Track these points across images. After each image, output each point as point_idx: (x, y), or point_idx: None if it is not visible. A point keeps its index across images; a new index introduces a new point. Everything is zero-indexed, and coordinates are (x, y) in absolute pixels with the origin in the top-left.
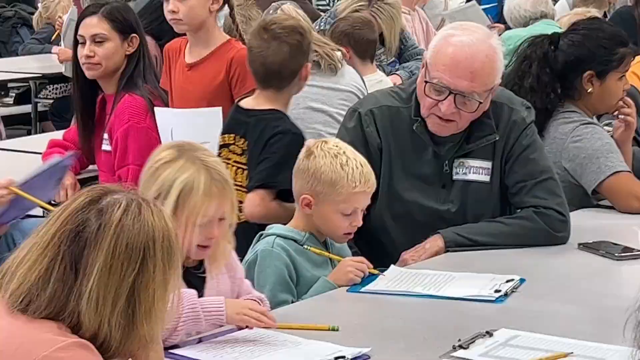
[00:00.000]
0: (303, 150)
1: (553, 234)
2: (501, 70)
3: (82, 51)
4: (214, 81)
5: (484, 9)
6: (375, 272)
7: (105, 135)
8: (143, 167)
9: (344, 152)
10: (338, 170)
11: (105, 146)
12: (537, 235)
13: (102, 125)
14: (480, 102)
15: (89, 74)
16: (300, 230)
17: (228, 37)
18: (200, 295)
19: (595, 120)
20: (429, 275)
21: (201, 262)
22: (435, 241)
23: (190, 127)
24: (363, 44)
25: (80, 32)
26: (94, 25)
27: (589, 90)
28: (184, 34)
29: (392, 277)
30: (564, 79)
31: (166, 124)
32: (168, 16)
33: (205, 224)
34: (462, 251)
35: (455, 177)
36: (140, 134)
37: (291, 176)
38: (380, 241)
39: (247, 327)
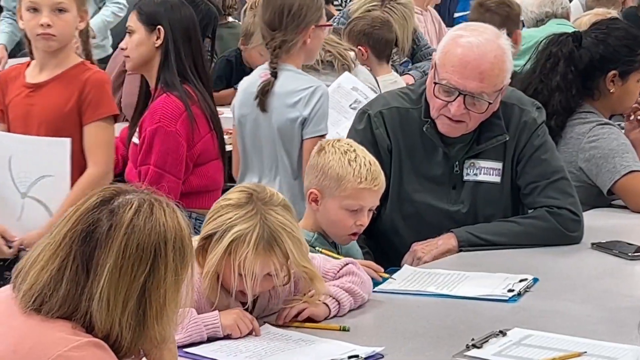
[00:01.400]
0: (315, 148)
1: (566, 233)
2: (510, 70)
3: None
4: (63, 107)
5: (460, 16)
6: (385, 275)
7: (137, 128)
8: (163, 170)
9: (354, 150)
10: (345, 165)
11: (135, 138)
12: (550, 234)
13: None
14: (490, 103)
15: (127, 66)
16: (309, 231)
17: (80, 59)
18: None
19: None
20: (442, 275)
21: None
22: (448, 239)
23: (32, 156)
24: (382, 43)
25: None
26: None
27: (611, 91)
28: None
29: (405, 277)
30: (587, 78)
31: (4, 150)
32: (37, 30)
33: (253, 278)
34: (475, 251)
35: (465, 177)
36: (167, 137)
37: None
38: (391, 242)
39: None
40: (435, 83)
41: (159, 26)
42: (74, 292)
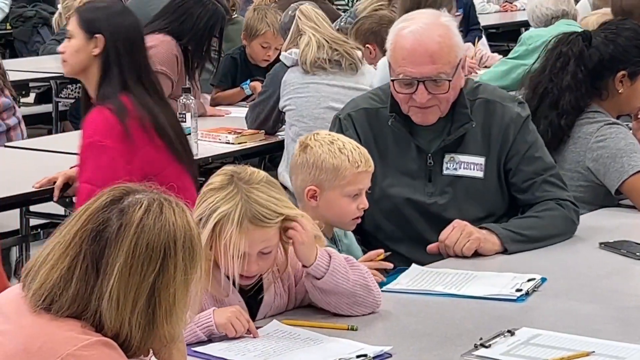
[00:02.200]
0: (297, 147)
1: (575, 223)
2: (460, 43)
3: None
4: None
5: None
6: (386, 265)
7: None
8: (96, 185)
9: (338, 138)
10: (338, 154)
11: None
12: (565, 224)
13: None
14: (450, 80)
15: (63, 70)
16: None
17: None
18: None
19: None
20: (450, 275)
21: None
22: (491, 237)
23: None
24: None
25: None
26: (70, 20)
27: (620, 91)
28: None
29: (413, 276)
30: (596, 78)
31: None
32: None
33: (242, 256)
34: (519, 252)
35: (445, 172)
36: (99, 152)
37: None
38: (376, 239)
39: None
40: (392, 80)
41: (99, 35)
42: (83, 291)
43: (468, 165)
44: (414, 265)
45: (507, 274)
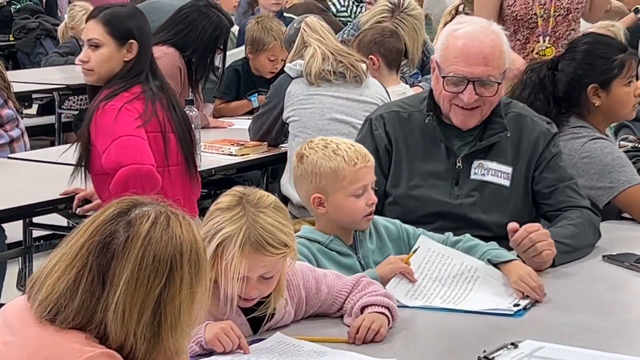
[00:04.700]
0: (294, 160)
1: (600, 233)
2: (509, 52)
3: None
4: None
5: None
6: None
7: None
8: (147, 164)
9: (331, 141)
10: (333, 157)
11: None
12: (594, 233)
13: None
14: (499, 83)
15: (84, 79)
16: (324, 233)
17: None
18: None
19: (610, 133)
20: (449, 287)
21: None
22: None
23: None
24: (393, 52)
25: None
26: (90, 29)
27: (596, 104)
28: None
29: (416, 263)
30: (571, 98)
31: None
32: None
33: (242, 279)
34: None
35: (472, 176)
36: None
37: None
38: None
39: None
40: (443, 77)
41: (132, 40)
42: (89, 303)
43: (496, 173)
44: (423, 245)
45: (506, 287)
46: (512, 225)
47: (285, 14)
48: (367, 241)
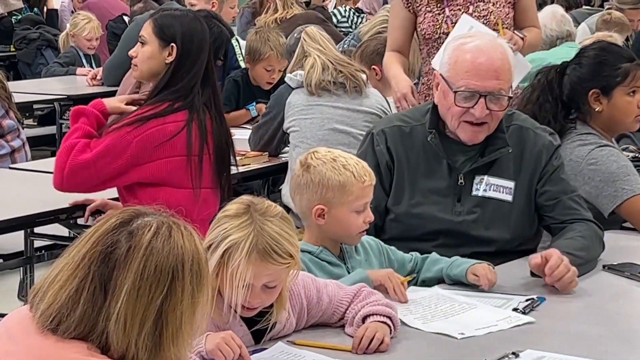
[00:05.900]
0: (298, 167)
1: (604, 242)
2: (514, 66)
3: None
4: None
5: None
6: (408, 278)
7: None
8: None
9: (339, 155)
10: (343, 171)
11: None
12: (600, 245)
13: None
14: (510, 97)
15: (132, 74)
16: (313, 244)
17: None
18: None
19: (614, 142)
20: (448, 302)
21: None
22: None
23: None
24: None
25: None
26: (144, 26)
27: (597, 110)
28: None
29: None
30: (573, 103)
31: None
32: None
33: (246, 287)
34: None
35: (474, 192)
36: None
37: None
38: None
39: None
40: (454, 92)
41: (173, 44)
42: (90, 312)
43: (498, 188)
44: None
45: (503, 308)
46: (536, 265)
47: None
48: (354, 253)
